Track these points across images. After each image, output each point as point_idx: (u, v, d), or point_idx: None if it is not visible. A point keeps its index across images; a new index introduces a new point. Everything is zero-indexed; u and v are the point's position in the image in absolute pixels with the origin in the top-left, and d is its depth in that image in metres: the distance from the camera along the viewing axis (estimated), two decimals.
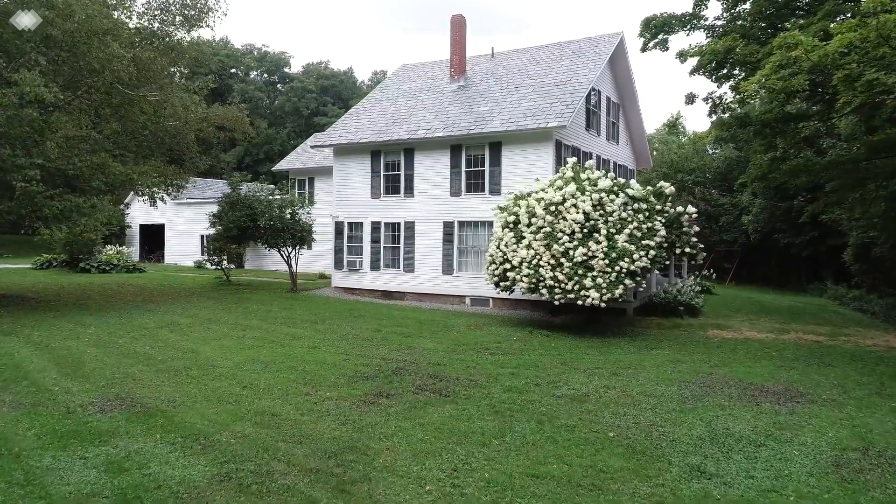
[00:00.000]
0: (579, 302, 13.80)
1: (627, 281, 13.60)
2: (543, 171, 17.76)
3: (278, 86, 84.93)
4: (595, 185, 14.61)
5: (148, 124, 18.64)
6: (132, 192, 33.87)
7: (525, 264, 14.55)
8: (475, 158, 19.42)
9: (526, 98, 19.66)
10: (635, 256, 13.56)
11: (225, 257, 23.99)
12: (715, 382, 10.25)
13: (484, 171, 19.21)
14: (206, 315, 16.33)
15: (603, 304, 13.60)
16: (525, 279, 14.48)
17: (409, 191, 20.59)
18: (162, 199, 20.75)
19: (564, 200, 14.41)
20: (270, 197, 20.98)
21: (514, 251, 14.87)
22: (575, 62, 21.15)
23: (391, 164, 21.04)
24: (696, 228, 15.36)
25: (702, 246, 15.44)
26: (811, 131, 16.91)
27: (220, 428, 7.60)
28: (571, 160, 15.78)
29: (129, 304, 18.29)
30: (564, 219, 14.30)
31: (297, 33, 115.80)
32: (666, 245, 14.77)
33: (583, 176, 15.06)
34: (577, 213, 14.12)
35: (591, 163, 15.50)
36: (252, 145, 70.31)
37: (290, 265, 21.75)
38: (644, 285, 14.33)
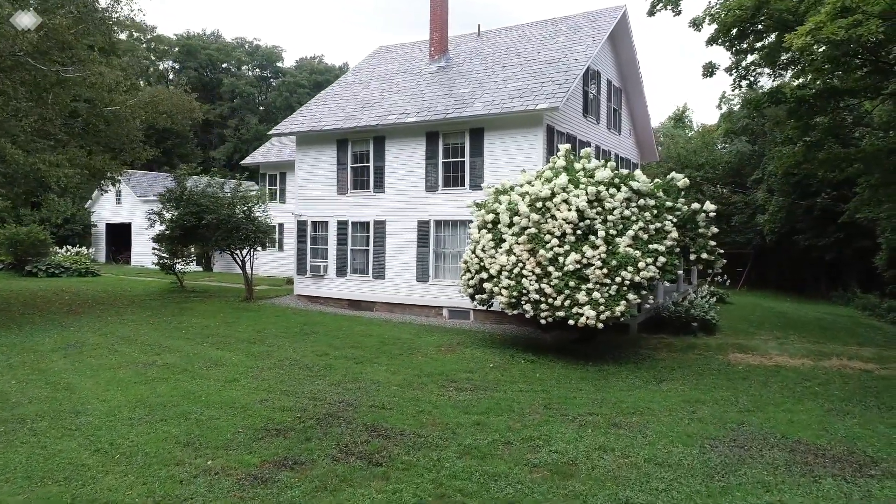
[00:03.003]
0: (571, 321, 11.07)
1: (631, 295, 10.87)
2: (533, 161, 15.04)
3: (271, 81, 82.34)
4: (592, 176, 11.89)
5: (79, 108, 16.04)
6: (106, 187, 31.38)
7: (504, 273, 11.83)
8: (454, 148, 16.70)
9: (513, 78, 16.93)
10: (641, 264, 10.83)
11: (179, 261, 21.30)
12: (750, 440, 7.54)
13: (464, 161, 16.49)
14: (124, 332, 13.65)
15: (600, 325, 10.87)
16: (504, 292, 11.76)
17: (380, 185, 17.87)
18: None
19: (553, 195, 11.69)
20: (220, 193, 18.27)
21: (492, 257, 12.16)
22: (570, 38, 18.41)
23: (359, 154, 18.33)
24: (715, 230, 12.64)
25: (721, 251, 12.71)
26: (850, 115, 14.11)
27: None
28: (564, 147, 13.07)
29: (47, 316, 15.62)
30: (553, 217, 11.58)
31: (290, 27, 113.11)
32: (678, 250, 12.05)
33: (577, 166, 12.35)
34: (569, 210, 11.40)
35: (587, 150, 12.79)
36: (242, 141, 67.77)
37: (244, 270, 19.05)
38: (651, 298, 11.63)
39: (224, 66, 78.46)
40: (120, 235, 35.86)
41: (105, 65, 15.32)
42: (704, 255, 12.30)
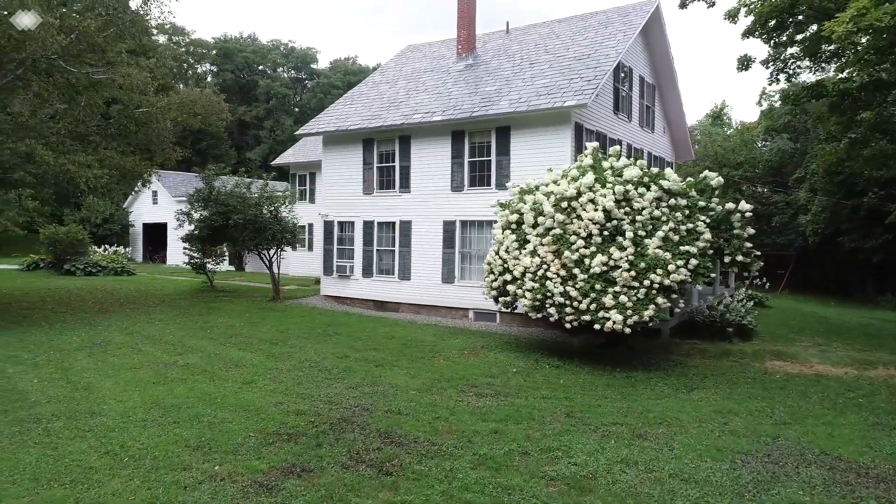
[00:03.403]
0: (597, 326, 10.67)
1: (660, 299, 10.42)
2: (560, 160, 14.63)
3: (305, 82, 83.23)
4: (620, 175, 11.46)
5: (110, 111, 16.27)
6: (136, 188, 32.05)
7: (528, 275, 11.48)
8: (480, 147, 16.40)
9: (541, 75, 16.54)
10: (671, 267, 10.37)
11: (209, 260, 21.50)
12: (785, 455, 7.06)
13: (490, 161, 16.18)
14: (150, 331, 13.74)
15: (627, 329, 10.43)
16: (528, 294, 11.42)
17: (405, 185, 17.68)
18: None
19: (579, 194, 11.30)
20: (247, 193, 18.32)
21: (515, 259, 11.83)
22: (601, 34, 17.92)
23: (385, 154, 18.18)
24: (752, 231, 12.06)
25: (757, 253, 12.12)
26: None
27: None
28: (591, 145, 12.64)
29: (78, 314, 15.87)
30: (579, 218, 11.19)
31: (324, 29, 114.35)
32: (712, 252, 11.52)
33: (605, 164, 11.93)
34: (596, 210, 11.00)
35: (616, 149, 12.34)
36: (277, 142, 68.61)
37: (271, 270, 19.09)
38: (682, 302, 11.12)
39: (260, 68, 79.66)
40: (156, 235, 36.57)
41: (134, 66, 15.50)
42: (740, 258, 11.75)
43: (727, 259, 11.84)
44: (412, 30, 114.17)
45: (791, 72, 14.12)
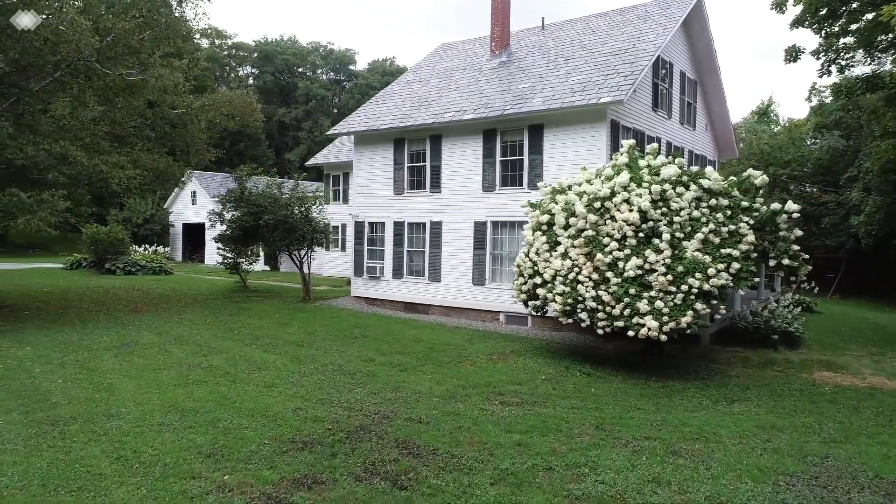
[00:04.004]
0: (630, 332, 10.15)
1: (699, 305, 9.84)
2: (595, 159, 14.14)
3: (344, 83, 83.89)
4: (657, 174, 10.90)
5: (146, 112, 16.43)
6: (176, 188, 32.61)
7: (559, 279, 11.02)
8: (512, 146, 15.98)
9: (576, 71, 16.02)
10: (711, 271, 9.78)
11: (244, 260, 21.63)
12: (835, 478, 6.47)
13: (522, 160, 15.74)
14: (179, 332, 13.77)
15: (663, 337, 9.89)
16: (559, 298, 10.96)
17: (436, 185, 17.38)
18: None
19: (613, 194, 10.79)
20: (277, 192, 18.30)
21: (546, 261, 11.38)
22: (639, 28, 17.29)
23: (416, 154, 17.91)
24: (799, 232, 11.35)
25: (805, 256, 11.39)
26: None
27: None
28: (627, 142, 12.08)
29: (112, 314, 16.06)
30: (613, 219, 10.68)
31: (362, 30, 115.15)
32: (755, 255, 10.86)
33: (642, 163, 11.37)
34: (631, 210, 10.48)
35: (653, 146, 11.76)
36: (315, 143, 69.27)
37: (301, 270, 19.04)
38: (722, 308, 10.49)
39: (300, 70, 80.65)
40: (195, 235, 37.20)
41: (167, 66, 15.61)
42: (786, 261, 11.05)
43: (772, 262, 11.16)
44: (456, 30, 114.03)
45: (844, 63, 13.24)
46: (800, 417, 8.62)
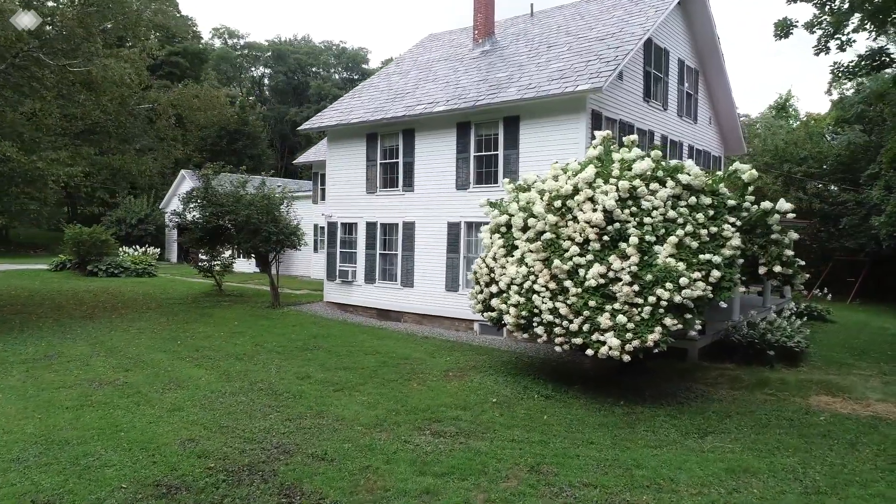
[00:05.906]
0: (589, 351, 8.80)
1: (669, 320, 8.45)
2: (574, 153, 12.77)
3: (357, 83, 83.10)
4: (629, 168, 9.54)
5: (107, 107, 15.47)
6: (173, 187, 31.86)
7: (514, 287, 9.71)
8: (487, 140, 14.69)
9: (557, 58, 14.68)
10: (684, 280, 8.39)
11: (218, 263, 20.64)
12: None
13: (497, 155, 14.45)
14: (115, 342, 12.72)
15: (626, 357, 8.53)
16: (513, 310, 9.65)
17: (409, 184, 16.15)
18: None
19: (576, 192, 9.46)
20: (241, 191, 17.22)
21: (502, 267, 10.08)
22: (629, 12, 15.88)
23: (388, 150, 16.70)
24: (795, 236, 9.89)
25: (801, 263, 9.90)
26: None
27: None
28: (601, 133, 10.71)
29: (61, 320, 15.09)
30: (575, 220, 9.35)
31: (375, 28, 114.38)
32: (742, 261, 9.44)
33: (616, 156, 9.99)
34: (595, 210, 9.13)
35: (630, 138, 10.34)
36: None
37: (269, 274, 17.93)
38: (699, 325, 9.06)
39: (313, 69, 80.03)
40: None
41: (112, 56, 14.60)
42: (778, 268, 9.58)
43: (762, 270, 9.70)
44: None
45: (844, 38, 11.58)
46: (781, 458, 7.20)
